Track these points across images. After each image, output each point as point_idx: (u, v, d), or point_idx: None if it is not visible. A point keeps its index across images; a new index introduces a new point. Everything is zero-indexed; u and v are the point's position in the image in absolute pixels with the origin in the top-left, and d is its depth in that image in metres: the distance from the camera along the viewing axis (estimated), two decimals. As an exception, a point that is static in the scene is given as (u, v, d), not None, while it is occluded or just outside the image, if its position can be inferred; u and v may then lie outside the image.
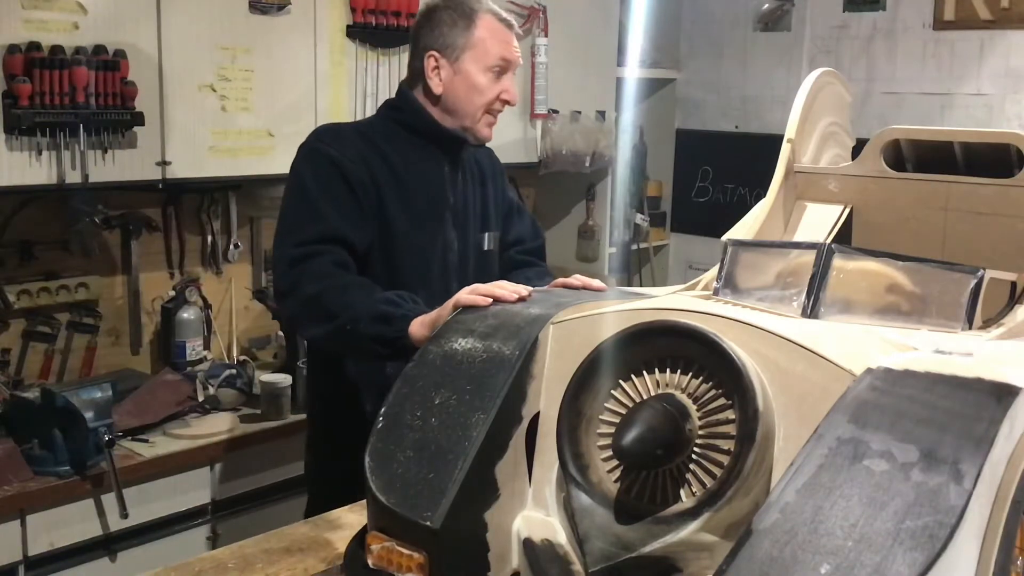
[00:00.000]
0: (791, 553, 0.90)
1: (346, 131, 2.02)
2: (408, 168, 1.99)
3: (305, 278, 1.80)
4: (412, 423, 1.26)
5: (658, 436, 1.11)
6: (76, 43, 2.54)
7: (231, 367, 2.96)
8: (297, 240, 1.85)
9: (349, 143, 1.95)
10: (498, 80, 2.01)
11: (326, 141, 1.95)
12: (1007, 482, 1.00)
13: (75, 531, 2.47)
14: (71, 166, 2.56)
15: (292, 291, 1.83)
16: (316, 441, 2.19)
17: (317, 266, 1.81)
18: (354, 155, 1.93)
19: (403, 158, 1.99)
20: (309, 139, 1.99)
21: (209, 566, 1.45)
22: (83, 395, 2.43)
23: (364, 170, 1.93)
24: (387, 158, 1.97)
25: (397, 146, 2.00)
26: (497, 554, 1.23)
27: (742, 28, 4.44)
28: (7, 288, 2.78)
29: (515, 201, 2.29)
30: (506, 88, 2.02)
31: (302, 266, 1.81)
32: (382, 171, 1.95)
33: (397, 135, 2.02)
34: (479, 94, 1.99)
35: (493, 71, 1.99)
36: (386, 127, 2.03)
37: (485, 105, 2.01)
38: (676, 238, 4.79)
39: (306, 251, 1.83)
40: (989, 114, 3.80)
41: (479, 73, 1.99)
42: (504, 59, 2.00)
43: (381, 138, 2.00)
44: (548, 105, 3.78)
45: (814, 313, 1.32)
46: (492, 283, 1.54)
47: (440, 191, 2.04)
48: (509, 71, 2.02)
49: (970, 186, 1.68)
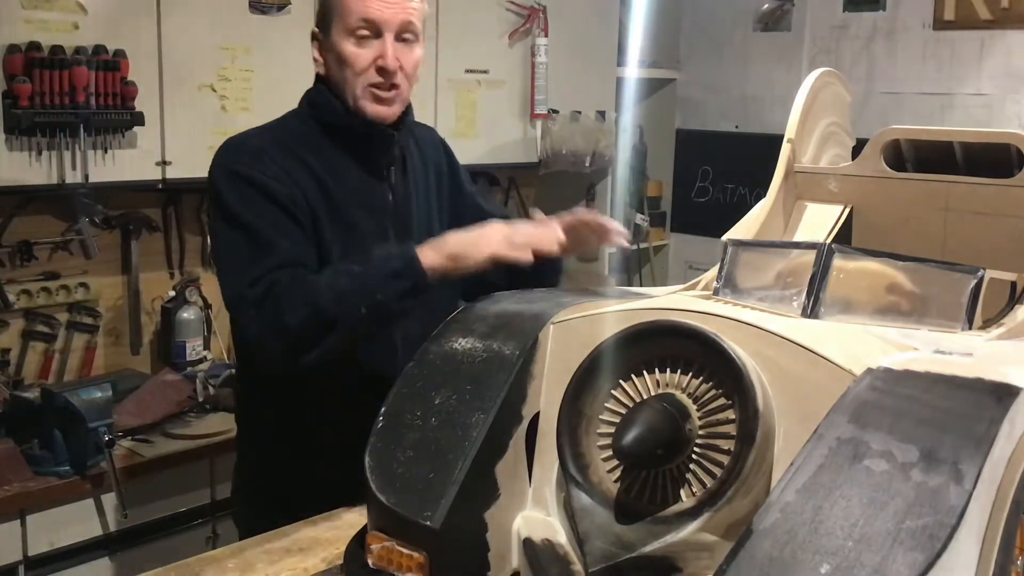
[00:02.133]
0: (791, 553, 0.90)
1: (260, 144, 1.74)
2: (335, 175, 1.74)
3: (282, 310, 1.58)
4: (412, 423, 1.26)
5: (658, 436, 1.11)
6: (76, 43, 2.54)
7: (231, 367, 2.96)
8: (251, 278, 1.60)
9: (268, 159, 1.69)
10: (365, 45, 1.71)
11: (244, 161, 1.69)
12: (1007, 482, 1.00)
13: (75, 531, 2.47)
14: (71, 166, 2.57)
15: (271, 330, 1.59)
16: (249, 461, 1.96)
17: (284, 290, 1.59)
18: (274, 171, 1.68)
19: (327, 164, 1.74)
20: (221, 158, 1.73)
21: (209, 566, 1.44)
22: (83, 395, 2.43)
23: (289, 183, 1.68)
24: (312, 169, 1.72)
25: (319, 151, 1.75)
26: (497, 554, 1.23)
27: (742, 28, 4.44)
28: (7, 288, 2.78)
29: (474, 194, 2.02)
30: (381, 52, 1.70)
31: (268, 302, 1.59)
32: (309, 186, 1.71)
33: (316, 136, 1.76)
34: (348, 66, 1.71)
35: (356, 36, 1.70)
36: (304, 128, 1.78)
37: (359, 78, 1.71)
38: (676, 238, 4.79)
39: (265, 285, 1.59)
40: (989, 114, 3.80)
41: (343, 40, 1.71)
42: (365, 19, 1.69)
43: (299, 143, 1.75)
44: (548, 105, 3.78)
45: (814, 313, 1.32)
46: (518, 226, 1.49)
47: (375, 197, 1.79)
48: (385, 32, 1.70)
49: (970, 186, 1.68)
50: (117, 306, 3.05)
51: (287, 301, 1.58)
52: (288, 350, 1.60)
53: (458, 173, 2.00)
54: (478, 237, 1.61)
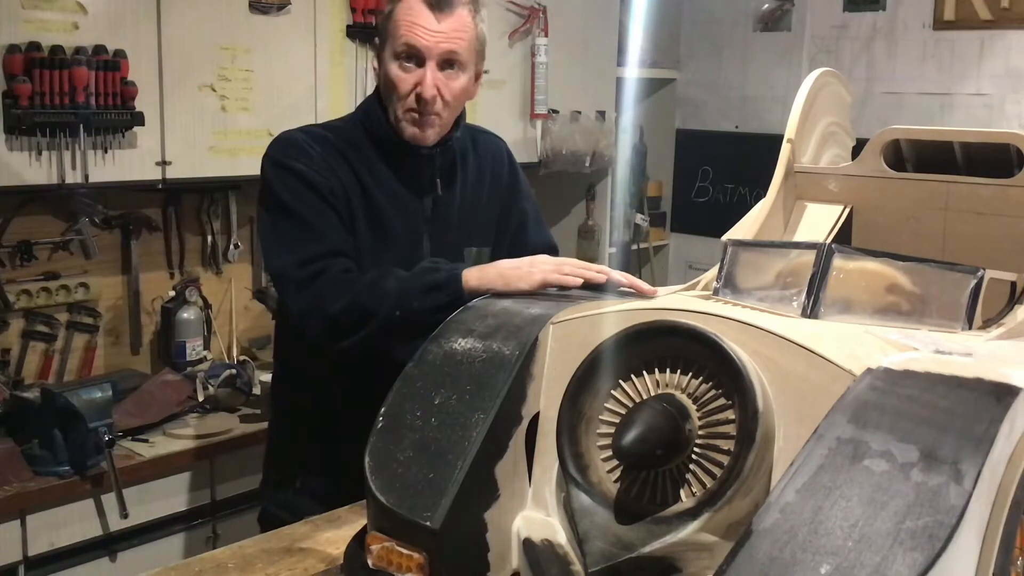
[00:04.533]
0: (791, 553, 0.90)
1: (309, 140, 1.82)
2: (376, 180, 1.83)
3: (324, 295, 1.69)
4: (412, 423, 1.26)
5: (658, 436, 1.11)
6: (76, 43, 2.54)
7: (231, 367, 2.96)
8: (299, 259, 1.72)
9: (313, 152, 1.79)
10: (409, 70, 1.76)
11: (291, 154, 1.79)
12: (1007, 482, 1.00)
13: (75, 531, 2.47)
14: (71, 166, 2.57)
15: (314, 311, 1.70)
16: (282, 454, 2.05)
17: (331, 279, 1.70)
18: (319, 164, 1.78)
19: (370, 169, 1.83)
20: (272, 153, 1.83)
21: (209, 566, 1.44)
22: (83, 395, 2.43)
23: (332, 176, 1.78)
24: (354, 169, 1.82)
25: (364, 155, 1.84)
26: (497, 554, 1.23)
27: (742, 28, 4.44)
28: (7, 288, 2.78)
29: (530, 212, 2.03)
30: (420, 79, 1.74)
31: (315, 284, 1.70)
32: (350, 183, 1.80)
33: (363, 143, 1.84)
34: (391, 88, 1.78)
35: (400, 59, 1.75)
36: (354, 132, 1.86)
37: (400, 101, 1.77)
38: (676, 238, 4.79)
39: (313, 269, 1.71)
40: (989, 114, 3.80)
41: (389, 62, 1.77)
42: (408, 45, 1.74)
43: (346, 145, 1.83)
44: (548, 105, 3.78)
45: (814, 313, 1.32)
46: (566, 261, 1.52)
47: (412, 204, 1.86)
48: (427, 61, 1.75)
49: (970, 186, 1.68)
50: (117, 306, 3.05)
51: (330, 289, 1.68)
52: (326, 333, 1.71)
53: (516, 192, 2.02)
54: (530, 264, 1.61)
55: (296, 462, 1.97)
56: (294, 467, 1.97)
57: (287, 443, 2.02)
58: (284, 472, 2.00)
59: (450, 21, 1.76)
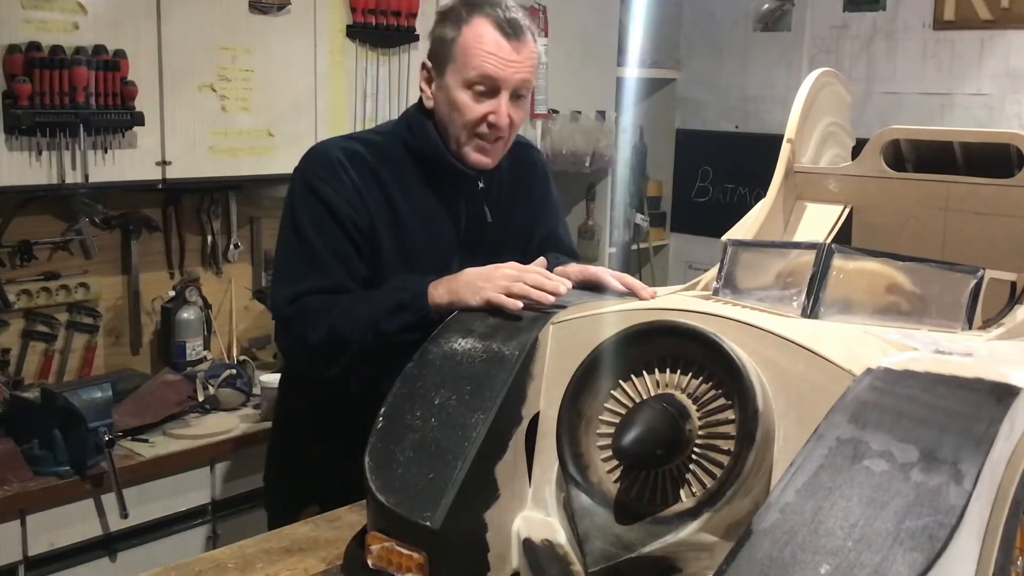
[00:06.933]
0: (791, 553, 0.90)
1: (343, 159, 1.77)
2: (408, 200, 1.79)
3: (305, 328, 1.69)
4: (412, 423, 1.26)
5: (658, 436, 1.11)
6: (76, 43, 2.54)
7: (231, 367, 2.96)
8: (294, 293, 1.71)
9: (344, 175, 1.74)
10: (482, 99, 1.72)
11: (321, 176, 1.75)
12: (1007, 482, 1.00)
13: (75, 531, 2.46)
14: (71, 166, 2.56)
15: (296, 344, 1.73)
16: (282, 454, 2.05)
17: (309, 310, 1.69)
18: (347, 190, 1.74)
19: (403, 188, 1.79)
20: (304, 168, 1.79)
21: (209, 566, 1.44)
22: (83, 395, 2.43)
23: (359, 204, 1.74)
24: (385, 189, 1.77)
25: (399, 170, 1.79)
26: (497, 554, 1.23)
27: (742, 28, 4.44)
28: (7, 288, 2.78)
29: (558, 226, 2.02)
30: (494, 109, 1.72)
31: (296, 323, 1.71)
32: (377, 201, 1.76)
33: (401, 160, 1.80)
34: (459, 113, 1.73)
35: (473, 89, 1.71)
36: (394, 149, 1.81)
37: (466, 128, 1.74)
38: (676, 238, 4.79)
39: (298, 307, 1.71)
40: (989, 114, 3.80)
41: (458, 88, 1.72)
42: (484, 76, 1.70)
43: (383, 163, 1.79)
44: (548, 105, 3.78)
45: (814, 313, 1.32)
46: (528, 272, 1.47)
47: (445, 223, 1.83)
48: (502, 91, 1.71)
49: (970, 186, 1.68)
50: (117, 306, 3.05)
51: (311, 321, 1.68)
52: (310, 364, 1.75)
53: (544, 208, 1.99)
54: (485, 279, 1.54)
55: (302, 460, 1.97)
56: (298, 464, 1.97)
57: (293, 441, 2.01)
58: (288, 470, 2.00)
59: (525, 50, 1.73)
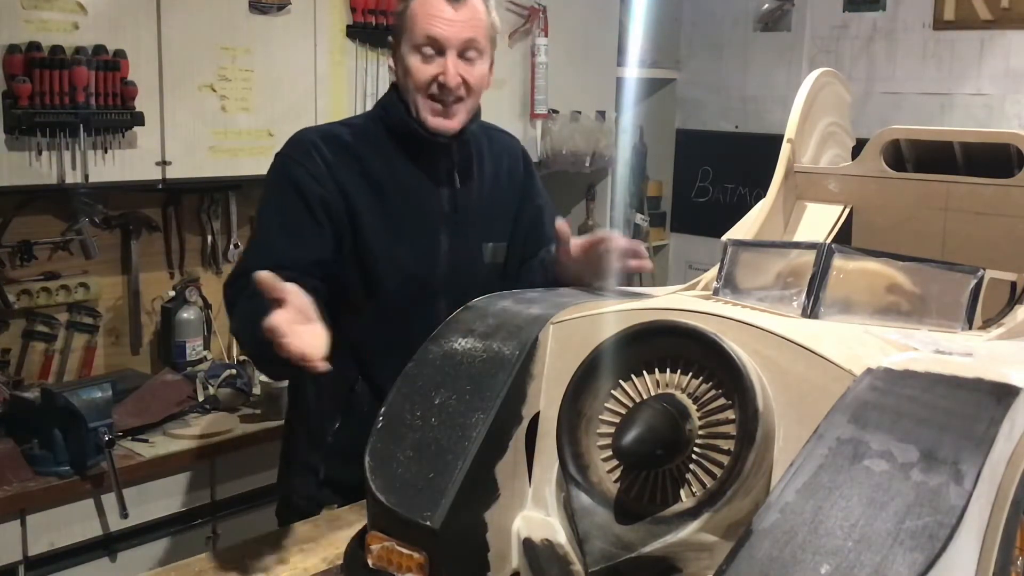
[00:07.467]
0: (791, 553, 0.90)
1: (319, 142, 1.83)
2: (390, 175, 1.84)
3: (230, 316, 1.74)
4: (412, 423, 1.26)
5: (658, 436, 1.11)
6: (76, 43, 2.54)
7: (231, 367, 2.96)
8: (232, 278, 1.75)
9: (317, 155, 1.80)
10: (429, 61, 1.80)
11: (296, 157, 1.81)
12: (1007, 482, 1.00)
13: (75, 531, 2.46)
14: (71, 166, 2.56)
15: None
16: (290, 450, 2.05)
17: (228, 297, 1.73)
18: (319, 171, 1.79)
19: (384, 164, 1.84)
20: (281, 151, 1.86)
21: (209, 566, 1.45)
22: (83, 395, 2.43)
23: (328, 182, 1.78)
24: (365, 166, 1.83)
25: (380, 151, 1.85)
26: (497, 554, 1.23)
27: (742, 28, 4.44)
28: (7, 288, 2.78)
29: (545, 208, 2.07)
30: (443, 70, 1.79)
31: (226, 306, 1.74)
32: (353, 181, 1.81)
33: (380, 138, 1.87)
34: (411, 78, 1.81)
35: (421, 51, 1.80)
36: (374, 129, 1.89)
37: (419, 90, 1.81)
38: (676, 238, 4.79)
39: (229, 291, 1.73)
40: (989, 114, 3.80)
41: (409, 55, 1.81)
42: (429, 37, 1.79)
43: (363, 142, 1.85)
44: (548, 105, 3.78)
45: (814, 313, 1.32)
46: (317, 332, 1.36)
47: (429, 198, 1.87)
48: (448, 50, 1.79)
49: (970, 186, 1.68)
50: (117, 306, 3.05)
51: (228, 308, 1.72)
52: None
53: (531, 189, 2.05)
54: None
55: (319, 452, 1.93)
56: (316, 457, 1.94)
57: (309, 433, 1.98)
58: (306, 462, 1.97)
59: (465, 11, 1.81)
